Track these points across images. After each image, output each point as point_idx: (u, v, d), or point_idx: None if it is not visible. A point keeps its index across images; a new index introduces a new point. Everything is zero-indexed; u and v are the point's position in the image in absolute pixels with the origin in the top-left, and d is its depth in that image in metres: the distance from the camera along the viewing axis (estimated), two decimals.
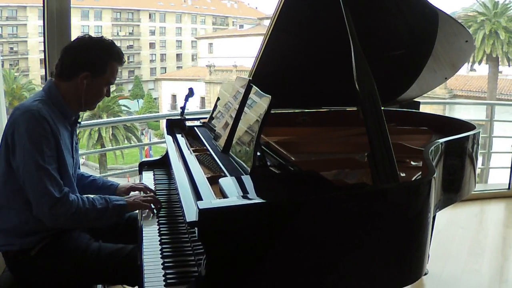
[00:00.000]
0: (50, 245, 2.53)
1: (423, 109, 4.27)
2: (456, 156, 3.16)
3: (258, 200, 1.98)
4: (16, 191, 2.45)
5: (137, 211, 2.81)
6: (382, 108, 2.29)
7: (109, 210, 2.54)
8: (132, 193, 3.02)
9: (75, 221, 2.45)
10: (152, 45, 58.77)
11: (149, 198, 2.76)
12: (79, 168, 3.02)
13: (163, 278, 2.06)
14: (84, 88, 2.57)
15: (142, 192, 2.95)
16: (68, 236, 2.60)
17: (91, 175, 3.10)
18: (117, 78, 2.76)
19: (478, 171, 3.78)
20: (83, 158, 29.45)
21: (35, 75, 45.25)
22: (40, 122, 2.39)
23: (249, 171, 2.30)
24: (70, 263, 2.53)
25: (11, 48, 47.50)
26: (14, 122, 2.41)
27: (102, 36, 2.70)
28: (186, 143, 3.20)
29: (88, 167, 30.99)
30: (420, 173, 2.75)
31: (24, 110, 2.43)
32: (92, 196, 2.58)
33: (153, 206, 2.73)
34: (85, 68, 2.56)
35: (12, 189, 2.46)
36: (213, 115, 3.36)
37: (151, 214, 2.72)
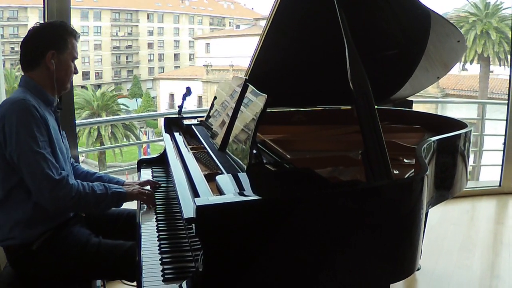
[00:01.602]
0: (50, 239, 2.54)
1: (416, 107, 4.27)
2: (448, 154, 3.16)
3: (254, 197, 1.98)
4: (15, 186, 2.47)
5: (135, 208, 2.81)
6: (376, 106, 2.29)
7: (108, 196, 2.58)
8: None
9: (75, 204, 2.47)
10: (150, 45, 58.72)
11: (146, 193, 2.79)
12: (73, 162, 3.05)
13: (161, 273, 2.07)
14: (54, 67, 2.60)
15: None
16: (68, 231, 2.61)
17: (96, 172, 3.11)
18: (116, 78, 2.76)
19: (469, 168, 3.79)
20: (82, 156, 29.42)
21: None
22: (29, 109, 2.42)
23: (245, 168, 2.30)
24: (70, 258, 2.54)
25: (12, 48, 47.31)
26: (3, 115, 2.42)
27: (52, 21, 2.83)
28: (183, 141, 3.20)
29: (88, 165, 30.96)
30: (413, 170, 2.75)
31: (11, 102, 2.45)
32: (92, 183, 2.60)
33: (147, 199, 2.78)
34: (49, 47, 2.59)
35: (11, 185, 2.47)
36: (210, 114, 3.36)
37: (149, 208, 2.76)
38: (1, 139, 2.42)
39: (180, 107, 3.67)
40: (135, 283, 2.54)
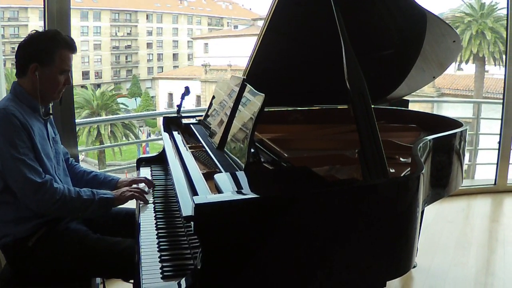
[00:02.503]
0: (47, 235, 2.54)
1: (412, 107, 4.27)
2: (444, 153, 3.16)
3: (252, 195, 1.98)
4: (2, 190, 2.47)
5: (135, 206, 2.80)
6: (372, 106, 2.30)
7: (95, 202, 2.57)
8: (124, 179, 3.04)
9: (60, 208, 2.47)
10: (149, 45, 58.65)
11: (134, 190, 2.79)
12: (73, 161, 3.08)
13: (160, 271, 2.06)
14: (37, 79, 2.57)
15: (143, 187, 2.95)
16: (64, 228, 2.62)
17: (93, 171, 3.10)
18: (116, 77, 2.73)
19: (465, 167, 3.79)
20: (82, 155, 29.43)
21: None
22: (8, 118, 2.41)
23: (243, 167, 2.30)
24: (67, 254, 2.53)
25: (13, 48, 47.12)
26: None
27: (50, 29, 2.76)
28: (182, 140, 3.20)
29: (88, 163, 30.98)
30: (409, 169, 2.75)
31: None
32: (79, 188, 2.60)
33: (139, 196, 2.78)
34: (32, 59, 2.56)
35: (2, 186, 2.47)
36: (209, 113, 3.36)
37: (147, 203, 2.77)
38: None
39: (179, 106, 3.66)
40: (132, 281, 2.55)
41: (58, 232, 2.57)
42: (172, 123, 3.59)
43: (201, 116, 3.52)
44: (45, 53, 2.57)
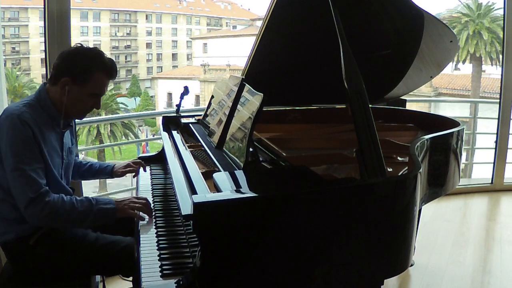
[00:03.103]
0: (48, 234, 2.53)
1: (410, 106, 4.28)
2: (441, 152, 3.16)
3: (251, 194, 1.99)
4: (8, 188, 2.45)
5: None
6: (370, 105, 2.30)
7: (93, 213, 2.44)
8: (125, 195, 3.00)
9: (50, 221, 2.41)
10: (148, 45, 58.62)
11: (139, 204, 2.60)
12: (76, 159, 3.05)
13: (159, 269, 2.06)
14: (66, 94, 2.51)
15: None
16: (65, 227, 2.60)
17: (88, 162, 3.09)
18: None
19: (462, 166, 3.79)
20: (82, 154, 29.38)
21: (36, 74, 45.05)
22: (19, 126, 2.37)
23: (242, 166, 2.31)
24: (68, 252, 2.53)
25: (13, 48, 47.34)
26: (0, 127, 2.41)
27: (96, 48, 2.64)
28: (181, 139, 3.20)
29: None
30: (407, 168, 2.76)
31: (7, 115, 2.41)
32: (80, 197, 2.49)
33: (143, 216, 2.60)
34: (66, 73, 2.50)
35: (5, 188, 2.46)
36: (208, 113, 3.36)
37: (146, 219, 2.60)
38: (1, 147, 2.41)
39: (178, 106, 3.66)
40: (131, 278, 2.55)
41: (58, 230, 2.57)
42: (172, 123, 3.58)
43: (200, 115, 3.52)
44: (82, 72, 2.51)
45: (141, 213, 2.59)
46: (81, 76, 2.51)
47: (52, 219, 2.38)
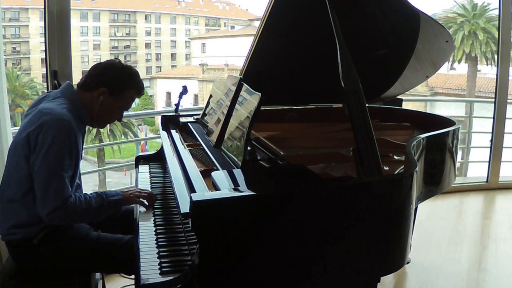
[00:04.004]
0: (51, 234, 2.53)
1: (406, 106, 4.28)
2: (437, 151, 3.17)
3: (249, 192, 1.99)
4: (28, 191, 2.44)
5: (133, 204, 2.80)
6: (367, 105, 2.30)
7: (105, 206, 2.55)
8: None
9: (70, 221, 2.48)
10: (147, 45, 58.56)
11: (143, 193, 2.76)
12: None
13: (159, 266, 2.06)
14: (99, 102, 2.60)
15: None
16: (68, 226, 2.60)
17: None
18: None
19: (457, 164, 3.79)
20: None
21: (37, 73, 44.99)
22: (69, 134, 2.40)
23: (240, 165, 2.31)
24: (70, 251, 2.53)
25: (14, 48, 47.27)
26: (43, 124, 2.38)
27: (133, 67, 2.76)
28: (180, 138, 3.20)
29: (87, 161, 30.96)
30: (403, 166, 2.76)
31: (56, 117, 2.41)
32: (89, 194, 2.57)
33: (146, 203, 2.74)
34: (105, 84, 2.59)
35: (28, 187, 2.45)
36: (206, 112, 3.36)
37: (148, 209, 2.72)
38: (32, 144, 2.39)
39: (177, 105, 3.66)
40: (133, 276, 2.54)
41: (61, 230, 2.57)
42: (170, 122, 3.58)
43: (199, 115, 3.52)
44: (120, 85, 2.63)
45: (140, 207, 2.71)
46: (118, 89, 2.63)
47: (72, 219, 2.45)
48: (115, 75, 2.62)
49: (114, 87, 2.61)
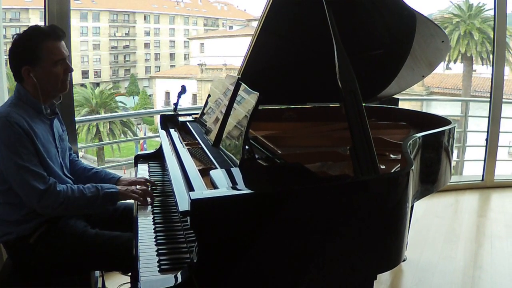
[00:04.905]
0: (47, 232, 2.53)
1: (402, 105, 4.28)
2: (432, 150, 3.17)
3: (247, 191, 1.99)
4: (6, 191, 2.46)
5: (133, 201, 2.79)
6: (363, 104, 2.30)
7: (99, 198, 2.54)
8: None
9: (64, 209, 2.46)
10: (147, 45, 58.60)
11: (140, 191, 2.72)
12: (75, 157, 3.05)
13: (157, 264, 2.06)
14: (35, 80, 2.50)
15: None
16: (65, 224, 2.60)
17: (93, 168, 3.05)
18: (114, 76, 2.71)
19: (453, 163, 3.80)
20: (81, 151, 29.39)
21: None
22: (10, 126, 2.37)
23: (238, 163, 2.31)
24: (68, 249, 2.53)
25: None
26: None
27: (30, 26, 2.60)
28: (179, 137, 3.19)
29: (87, 160, 30.87)
30: (399, 165, 2.76)
31: None
32: (84, 185, 2.57)
33: (142, 199, 2.70)
34: (21, 63, 2.50)
35: (3, 189, 2.47)
36: (204, 111, 3.36)
37: (147, 206, 2.70)
38: None
39: (176, 104, 3.66)
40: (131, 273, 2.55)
41: (58, 228, 2.57)
42: (169, 121, 3.58)
43: (197, 114, 3.52)
44: (30, 53, 2.49)
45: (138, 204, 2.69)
46: (32, 56, 2.49)
47: (66, 207, 2.44)
48: (21, 50, 2.50)
49: (30, 58, 2.48)
